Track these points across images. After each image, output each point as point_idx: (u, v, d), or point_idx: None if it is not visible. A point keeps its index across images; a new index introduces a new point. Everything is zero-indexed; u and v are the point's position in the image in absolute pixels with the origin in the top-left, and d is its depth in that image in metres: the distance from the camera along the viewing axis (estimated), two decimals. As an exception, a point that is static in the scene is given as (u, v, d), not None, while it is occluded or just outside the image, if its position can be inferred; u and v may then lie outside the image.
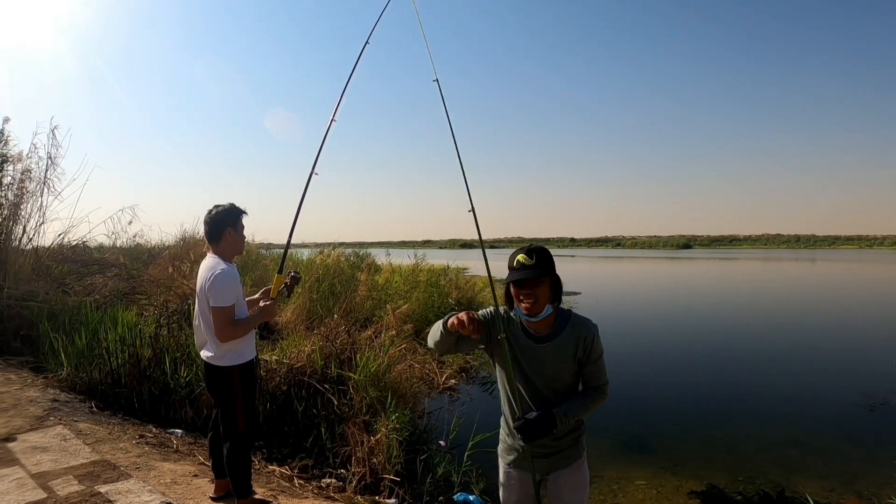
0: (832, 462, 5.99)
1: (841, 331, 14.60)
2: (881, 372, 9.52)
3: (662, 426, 7.13)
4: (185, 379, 5.89)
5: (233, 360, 3.41)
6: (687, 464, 5.89)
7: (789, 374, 9.89)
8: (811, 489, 5.11)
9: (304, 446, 5.34)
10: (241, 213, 3.60)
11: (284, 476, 4.74)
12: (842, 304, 20.74)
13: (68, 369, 6.30)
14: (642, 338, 13.30)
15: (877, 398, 7.97)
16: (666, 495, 5.17)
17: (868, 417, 7.33)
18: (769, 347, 12.32)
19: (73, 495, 3.64)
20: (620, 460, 5.95)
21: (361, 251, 16.25)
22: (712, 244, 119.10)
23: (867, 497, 5.05)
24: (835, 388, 8.94)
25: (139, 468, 4.21)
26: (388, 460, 4.93)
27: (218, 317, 3.29)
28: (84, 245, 11.13)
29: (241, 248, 3.65)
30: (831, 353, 11.83)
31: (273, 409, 5.71)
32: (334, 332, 6.82)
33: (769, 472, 5.70)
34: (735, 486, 5.37)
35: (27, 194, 9.70)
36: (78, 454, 4.34)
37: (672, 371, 10.17)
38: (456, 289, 13.70)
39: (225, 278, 3.33)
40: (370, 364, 6.02)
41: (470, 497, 4.81)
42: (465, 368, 9.35)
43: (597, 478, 5.42)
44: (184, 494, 3.85)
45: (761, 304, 20.33)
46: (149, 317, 8.03)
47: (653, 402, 8.21)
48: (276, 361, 6.14)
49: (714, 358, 11.18)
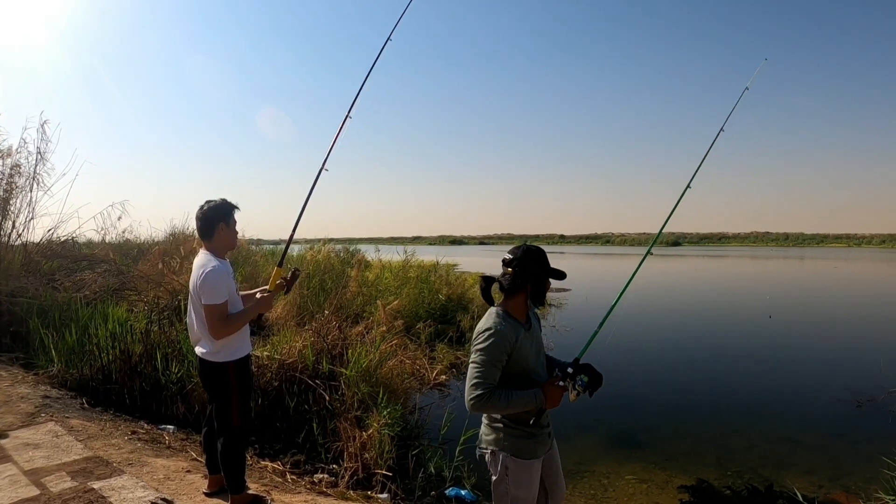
0: (820, 457, 6.06)
1: (829, 328, 14.74)
2: (868, 369, 9.60)
3: (652, 422, 7.19)
4: (176, 375, 5.89)
5: (228, 357, 3.41)
6: (676, 459, 5.95)
7: (778, 370, 9.98)
8: (799, 484, 5.16)
9: (296, 442, 5.36)
10: (233, 208, 3.57)
11: (277, 471, 4.76)
12: (829, 301, 20.93)
13: (59, 365, 6.29)
14: (631, 334, 13.33)
15: (864, 395, 8.05)
16: (655, 490, 5.23)
17: (855, 414, 7.41)
18: (758, 344, 12.43)
19: (67, 492, 3.64)
20: (610, 455, 5.99)
21: (351, 247, 16.21)
22: (701, 241, 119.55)
23: (854, 492, 5.12)
24: (822, 384, 9.04)
25: (132, 464, 4.21)
26: (379, 455, 4.95)
27: (210, 314, 3.28)
28: (73, 241, 11.06)
29: (234, 244, 3.64)
30: (819, 350, 11.96)
31: (265, 404, 5.71)
32: (325, 327, 6.81)
33: (758, 467, 5.76)
34: (724, 480, 5.43)
35: (16, 189, 9.64)
36: (70, 450, 4.33)
37: (661, 367, 10.24)
38: (446, 285, 13.70)
39: (216, 275, 3.31)
40: (361, 359, 6.03)
41: (462, 491, 4.84)
42: (455, 364, 9.37)
43: (587, 472, 5.47)
44: (177, 490, 3.86)
45: (750, 301, 20.45)
46: (139, 313, 8.00)
47: (642, 398, 8.27)
48: (268, 357, 6.14)
49: (703, 354, 11.27)
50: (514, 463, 2.68)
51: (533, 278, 2.72)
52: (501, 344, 2.58)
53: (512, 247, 2.79)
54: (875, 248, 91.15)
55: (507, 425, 2.70)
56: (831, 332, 14.24)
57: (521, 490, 2.70)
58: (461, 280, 15.25)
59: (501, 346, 2.58)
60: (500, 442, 2.70)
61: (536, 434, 2.73)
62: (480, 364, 2.56)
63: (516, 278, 2.71)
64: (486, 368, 2.55)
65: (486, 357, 2.56)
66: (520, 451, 2.69)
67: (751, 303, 19.80)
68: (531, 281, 2.72)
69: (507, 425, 2.70)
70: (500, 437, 2.71)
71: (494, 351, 2.56)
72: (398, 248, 15.89)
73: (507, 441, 2.69)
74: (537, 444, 2.74)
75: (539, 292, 2.76)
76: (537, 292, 2.76)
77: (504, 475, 2.69)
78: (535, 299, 2.79)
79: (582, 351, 2.89)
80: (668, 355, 11.29)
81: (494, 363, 2.57)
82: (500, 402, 2.54)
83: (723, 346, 12.18)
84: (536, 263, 2.73)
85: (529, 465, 2.71)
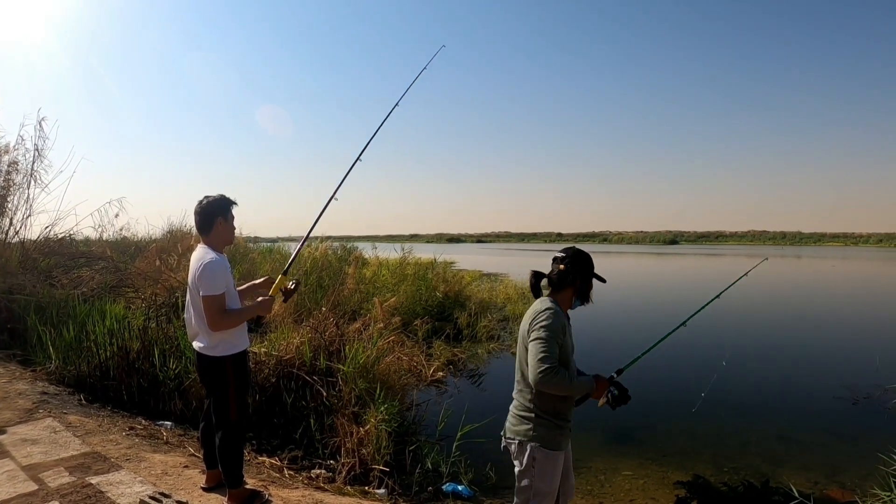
0: (816, 454, 6.08)
1: (825, 326, 14.75)
2: (864, 367, 9.64)
3: (648, 418, 7.19)
4: (174, 371, 5.90)
5: (225, 351, 3.42)
6: (672, 455, 5.97)
7: (774, 368, 10.00)
8: (795, 480, 5.16)
9: (293, 438, 5.37)
10: (231, 203, 3.60)
11: (274, 467, 4.77)
12: (826, 299, 20.97)
13: (56, 362, 6.29)
14: (628, 330, 13.37)
15: (860, 392, 8.07)
16: (652, 485, 5.24)
17: (851, 411, 7.43)
18: (754, 342, 12.44)
19: (65, 487, 3.65)
20: (607, 451, 6.02)
21: (349, 245, 16.21)
22: (699, 240, 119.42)
23: (850, 488, 5.12)
24: (819, 381, 9.06)
25: (129, 460, 4.22)
26: (377, 451, 4.97)
27: (209, 305, 3.29)
28: (71, 238, 11.06)
29: (232, 238, 3.66)
30: (816, 347, 11.97)
31: (262, 400, 5.72)
32: (323, 324, 6.82)
33: (754, 463, 5.78)
34: (720, 476, 5.45)
35: (13, 186, 9.65)
36: (68, 446, 4.34)
37: (658, 364, 10.23)
38: (443, 282, 13.71)
39: (215, 267, 3.33)
40: (359, 356, 6.04)
41: (458, 487, 4.86)
42: (452, 361, 9.38)
43: (584, 468, 5.48)
44: (175, 485, 3.86)
45: (746, 298, 20.47)
46: (137, 309, 8.00)
47: (639, 395, 8.23)
48: (265, 354, 6.15)
49: (699, 351, 11.26)
50: (542, 453, 2.77)
51: (582, 276, 2.94)
52: (559, 322, 2.74)
53: (563, 247, 3.04)
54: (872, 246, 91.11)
55: (538, 415, 2.79)
56: (828, 329, 14.27)
57: (545, 483, 2.80)
58: (458, 278, 15.26)
59: (559, 324, 2.74)
60: (529, 433, 2.79)
61: (563, 427, 2.84)
62: (545, 340, 2.68)
63: (567, 274, 2.91)
64: (550, 344, 2.68)
65: (550, 332, 2.69)
66: (549, 442, 2.79)
67: (749, 301, 19.83)
68: (581, 278, 2.94)
69: (538, 415, 2.79)
70: (530, 428, 2.80)
71: (556, 327, 2.72)
72: (395, 246, 15.89)
73: (536, 431, 2.79)
74: (563, 436, 2.85)
75: (586, 290, 2.99)
76: (584, 290, 2.98)
77: (531, 466, 2.78)
78: (582, 297, 2.98)
79: (627, 365, 3.18)
80: (663, 351, 11.27)
81: (556, 339, 2.71)
82: (565, 381, 2.67)
83: (718, 342, 12.17)
84: (586, 263, 2.97)
85: (556, 457, 2.81)
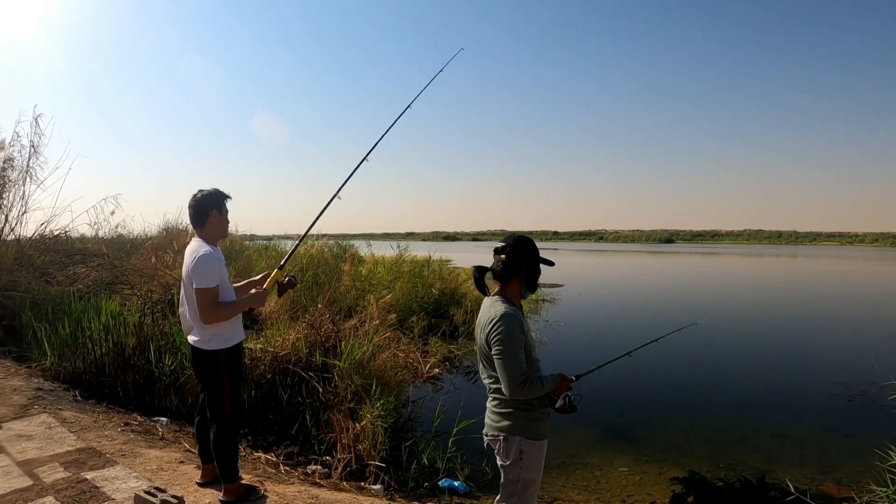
0: (812, 451, 6.10)
1: (821, 324, 14.80)
2: (859, 364, 9.68)
3: (644, 415, 7.22)
4: (169, 367, 5.89)
5: (219, 344, 3.41)
6: (669, 451, 5.98)
7: (770, 365, 10.03)
8: (791, 476, 5.17)
9: (289, 433, 5.37)
10: (226, 196, 3.60)
11: (270, 463, 4.76)
12: (822, 298, 21.01)
13: (52, 358, 6.27)
14: (623, 328, 13.40)
15: (855, 389, 8.11)
16: (648, 482, 5.25)
17: (847, 408, 7.46)
18: (750, 340, 12.48)
19: (60, 482, 3.64)
20: (603, 448, 6.01)
21: (344, 242, 16.19)
22: (694, 239, 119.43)
23: (846, 484, 5.14)
24: (814, 379, 9.10)
25: (125, 455, 4.21)
26: (373, 447, 4.96)
27: (202, 298, 3.28)
28: (66, 235, 11.01)
29: (226, 232, 3.66)
30: (811, 345, 12.02)
31: (258, 396, 5.72)
32: (319, 320, 6.81)
33: (750, 460, 5.80)
34: (716, 473, 5.46)
35: (9, 183, 9.62)
36: (63, 442, 4.33)
37: (654, 361, 10.24)
38: (439, 279, 13.70)
39: (208, 260, 3.33)
40: (355, 352, 6.04)
41: (455, 483, 4.86)
42: (448, 358, 9.38)
43: (580, 465, 5.49)
44: (170, 480, 3.85)
45: (743, 297, 20.53)
46: (132, 306, 7.98)
47: (635, 391, 8.30)
48: (261, 350, 6.14)
49: (696, 348, 11.28)
50: (529, 445, 2.75)
51: (527, 264, 2.84)
52: (515, 326, 2.69)
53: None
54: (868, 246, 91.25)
55: (518, 409, 2.76)
56: (823, 327, 14.32)
57: (533, 472, 2.78)
58: (454, 275, 15.26)
59: (516, 328, 2.69)
60: (514, 427, 2.77)
61: (543, 415, 2.83)
62: (509, 353, 2.65)
63: (510, 264, 2.81)
64: (515, 356, 2.65)
65: (511, 343, 2.65)
66: (533, 432, 2.77)
67: (744, 298, 19.87)
68: (525, 266, 2.83)
69: (518, 409, 2.76)
70: (513, 423, 2.77)
71: (514, 334, 2.66)
72: (391, 244, 15.90)
73: (520, 424, 2.76)
74: (545, 423, 2.84)
75: (532, 278, 2.88)
76: (531, 278, 2.88)
77: (518, 459, 2.76)
78: (528, 286, 2.89)
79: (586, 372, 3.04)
80: (659, 349, 11.28)
81: (519, 346, 2.67)
82: (536, 385, 2.66)
83: (715, 340, 12.19)
84: (528, 250, 2.86)
85: (542, 446, 2.81)
